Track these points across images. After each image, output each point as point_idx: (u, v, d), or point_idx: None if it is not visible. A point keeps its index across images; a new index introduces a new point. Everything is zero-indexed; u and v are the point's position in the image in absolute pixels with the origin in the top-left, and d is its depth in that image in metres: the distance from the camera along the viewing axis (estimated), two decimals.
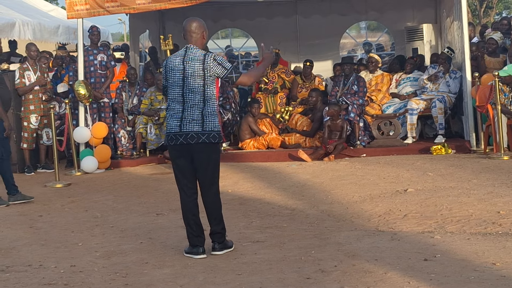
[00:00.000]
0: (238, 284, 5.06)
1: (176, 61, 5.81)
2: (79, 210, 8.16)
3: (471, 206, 7.01)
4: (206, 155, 5.79)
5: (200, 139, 5.73)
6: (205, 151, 5.78)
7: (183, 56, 5.80)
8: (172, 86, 5.80)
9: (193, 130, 5.72)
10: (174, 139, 5.78)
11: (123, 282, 5.25)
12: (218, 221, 5.91)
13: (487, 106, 10.05)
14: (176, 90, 5.77)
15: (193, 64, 5.74)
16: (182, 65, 5.77)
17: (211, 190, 5.88)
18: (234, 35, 17.65)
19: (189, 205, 5.87)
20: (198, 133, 5.72)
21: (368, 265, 5.33)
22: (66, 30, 15.10)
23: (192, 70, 5.73)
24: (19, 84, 11.02)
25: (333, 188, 8.46)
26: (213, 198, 5.89)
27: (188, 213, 5.87)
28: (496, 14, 35.05)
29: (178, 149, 5.80)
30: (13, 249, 6.38)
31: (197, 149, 5.75)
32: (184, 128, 5.74)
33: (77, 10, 10.99)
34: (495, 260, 5.29)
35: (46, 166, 11.35)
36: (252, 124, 11.73)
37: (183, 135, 5.74)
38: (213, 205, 5.90)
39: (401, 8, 14.78)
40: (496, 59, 11.22)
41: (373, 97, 12.03)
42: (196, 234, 5.84)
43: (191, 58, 5.77)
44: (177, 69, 5.78)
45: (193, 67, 5.74)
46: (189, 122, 5.73)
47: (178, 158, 5.85)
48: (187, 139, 5.73)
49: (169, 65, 5.83)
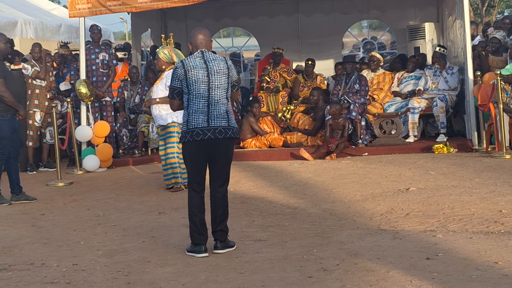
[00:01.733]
0: (240, 282, 5.06)
1: (196, 60, 5.88)
2: (81, 208, 8.16)
3: (473, 205, 7.01)
4: (229, 150, 5.97)
5: (227, 133, 5.86)
6: (229, 146, 5.95)
7: (202, 57, 5.89)
8: (196, 83, 5.81)
9: (221, 125, 5.83)
10: (201, 134, 5.80)
11: (125, 280, 5.25)
12: (224, 217, 5.97)
13: (489, 105, 10.05)
14: (201, 86, 5.81)
15: (218, 62, 5.90)
16: (205, 64, 5.85)
17: (224, 186, 6.02)
18: (236, 34, 17.63)
19: (197, 202, 5.90)
20: (226, 128, 5.84)
21: (370, 263, 5.33)
22: (68, 29, 15.11)
23: (218, 68, 5.87)
24: (32, 74, 11.06)
25: (335, 187, 8.46)
26: (224, 195, 6.01)
27: (195, 210, 5.88)
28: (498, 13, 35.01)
29: (204, 144, 5.83)
30: (15, 248, 6.39)
31: (223, 144, 5.87)
32: (213, 123, 5.82)
33: (79, 9, 10.99)
34: (497, 259, 5.28)
35: (48, 165, 11.36)
36: (253, 124, 11.73)
37: (212, 130, 5.81)
38: (223, 202, 5.99)
39: (403, 6, 14.76)
40: (499, 58, 11.20)
41: (375, 96, 12.02)
42: (200, 232, 5.85)
43: (212, 58, 5.91)
44: (200, 67, 5.84)
45: (218, 65, 5.88)
46: (216, 117, 5.83)
47: (199, 155, 5.87)
48: (216, 133, 5.81)
49: (190, 64, 5.85)
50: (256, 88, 13.47)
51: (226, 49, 16.72)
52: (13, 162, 8.69)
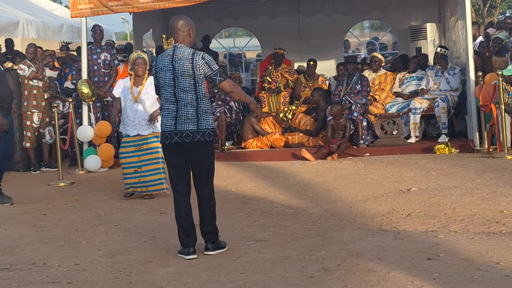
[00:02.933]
0: (242, 283, 5.06)
1: (165, 61, 5.79)
2: (82, 208, 8.17)
3: (474, 206, 7.01)
4: (201, 153, 5.82)
5: (196, 137, 5.75)
6: (200, 149, 5.81)
7: (172, 56, 5.78)
8: (164, 86, 5.79)
9: (188, 129, 5.74)
10: (169, 137, 5.79)
11: (127, 280, 5.25)
12: (211, 219, 5.92)
13: (491, 106, 10.04)
14: (168, 89, 5.77)
15: (182, 63, 5.72)
16: (172, 64, 5.75)
17: (207, 188, 5.90)
18: (238, 34, 17.63)
19: (182, 205, 5.87)
20: (194, 131, 5.75)
21: (372, 264, 5.33)
22: (70, 29, 15.13)
23: (182, 70, 5.72)
24: (30, 75, 11.02)
25: (336, 187, 8.46)
26: (208, 196, 5.91)
27: (181, 212, 5.87)
28: (500, 13, 34.99)
29: (173, 148, 5.81)
30: (17, 248, 6.39)
31: (192, 147, 5.77)
32: (179, 127, 5.76)
33: (80, 9, 11.00)
34: (499, 259, 5.28)
35: (50, 164, 11.36)
36: (254, 124, 11.73)
37: (178, 134, 5.76)
38: (208, 203, 5.91)
39: (405, 7, 14.76)
40: (502, 58, 11.19)
41: (377, 96, 12.02)
42: (188, 234, 5.84)
43: (179, 57, 5.74)
44: (166, 69, 5.77)
45: (182, 66, 5.72)
46: (184, 121, 5.75)
47: (173, 157, 5.86)
48: (183, 137, 5.75)
49: (159, 65, 5.82)
50: (258, 88, 13.47)
51: (228, 49, 16.72)
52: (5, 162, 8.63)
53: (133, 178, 8.50)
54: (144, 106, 8.43)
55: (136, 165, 8.46)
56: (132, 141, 8.50)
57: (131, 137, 8.49)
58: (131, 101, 8.47)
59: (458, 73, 11.55)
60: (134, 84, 8.48)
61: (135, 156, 8.48)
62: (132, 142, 8.50)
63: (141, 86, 8.45)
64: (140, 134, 8.47)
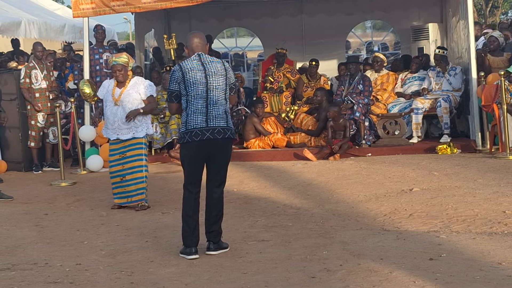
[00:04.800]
0: (244, 283, 5.06)
1: (194, 62, 5.93)
2: (84, 208, 8.17)
3: (476, 206, 7.00)
4: (227, 151, 5.98)
5: (226, 134, 5.89)
6: (228, 147, 5.97)
7: (199, 60, 5.94)
8: (194, 84, 5.85)
9: (220, 125, 5.86)
10: (200, 134, 5.82)
11: (129, 280, 5.25)
12: (219, 218, 5.97)
13: (493, 106, 10.03)
14: (199, 87, 5.85)
15: (215, 65, 5.94)
16: (202, 66, 5.90)
17: (221, 187, 6.01)
18: (240, 34, 17.61)
19: (192, 204, 5.90)
20: (224, 128, 5.87)
21: (374, 264, 5.33)
22: (72, 29, 15.14)
23: (215, 69, 5.92)
24: (23, 84, 11.04)
25: (338, 188, 8.45)
26: (220, 195, 5.99)
27: (189, 211, 5.89)
28: (502, 13, 34.97)
29: (202, 145, 5.84)
30: (19, 247, 6.40)
31: (221, 144, 5.88)
32: (211, 123, 5.84)
33: (82, 9, 11.02)
34: (501, 259, 5.28)
35: (53, 164, 11.38)
36: (256, 124, 11.72)
37: (210, 130, 5.83)
38: (219, 203, 5.98)
39: (407, 7, 14.76)
40: (500, 58, 11.18)
41: (379, 96, 12.01)
42: (192, 234, 5.87)
43: (209, 60, 5.96)
44: (197, 69, 5.88)
45: (215, 67, 5.93)
46: (215, 118, 5.86)
47: (197, 155, 5.88)
48: (215, 133, 5.83)
49: (187, 66, 5.89)
50: (260, 88, 13.46)
51: (230, 49, 16.72)
52: None
53: (119, 187, 8.06)
54: (125, 109, 7.91)
55: (121, 173, 8.02)
56: (116, 149, 8.05)
57: (114, 145, 8.05)
58: (111, 103, 8.01)
59: (459, 73, 11.55)
60: (117, 86, 8.04)
61: (119, 164, 8.04)
62: (116, 150, 8.05)
63: (123, 87, 7.99)
64: (120, 139, 8.00)
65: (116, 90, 8.00)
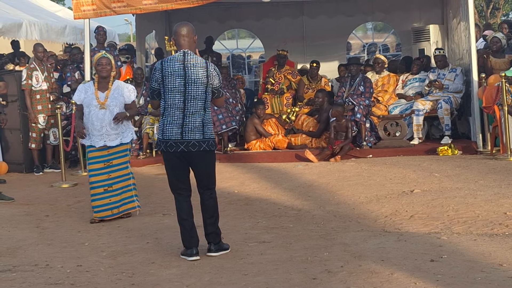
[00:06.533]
0: (244, 284, 5.06)
1: (175, 66, 5.70)
2: (85, 210, 8.17)
3: (477, 207, 7.00)
4: (206, 162, 5.85)
5: (201, 147, 5.76)
6: (205, 158, 5.83)
7: (183, 61, 5.71)
8: (172, 92, 5.69)
9: (195, 138, 5.73)
10: (174, 146, 5.75)
11: (129, 282, 5.25)
12: (214, 219, 5.94)
13: (494, 107, 10.03)
14: (177, 96, 5.69)
15: (197, 70, 5.69)
16: (184, 70, 5.68)
17: (211, 192, 5.94)
18: (241, 36, 17.63)
19: (184, 207, 5.89)
20: (200, 141, 5.74)
21: (375, 265, 5.32)
22: (73, 30, 15.15)
23: (196, 76, 5.69)
24: (25, 86, 11.04)
25: (339, 189, 8.45)
26: (211, 196, 5.94)
27: (183, 215, 5.88)
28: (503, 15, 34.94)
29: (178, 156, 5.79)
30: (20, 249, 6.40)
31: (197, 156, 5.78)
32: (186, 136, 5.73)
33: (83, 11, 11.01)
34: (502, 261, 5.28)
35: (54, 166, 11.38)
36: (257, 125, 11.73)
37: (185, 143, 5.73)
38: (210, 204, 5.93)
39: (408, 8, 14.75)
40: (502, 59, 11.19)
41: (380, 98, 12.02)
42: (191, 235, 5.87)
43: (193, 63, 5.70)
44: (177, 74, 5.69)
45: (196, 73, 5.69)
46: (191, 130, 5.72)
47: (176, 165, 5.85)
48: (189, 147, 5.74)
49: (168, 69, 5.69)
50: (261, 90, 13.46)
51: (231, 50, 16.72)
52: None
53: (102, 199, 7.50)
54: (112, 113, 7.40)
55: (107, 183, 7.51)
56: (99, 157, 7.49)
57: (98, 152, 7.47)
58: (96, 107, 7.40)
59: (460, 74, 11.55)
60: (99, 89, 7.45)
61: (104, 173, 7.50)
62: (99, 158, 7.49)
63: (107, 90, 7.45)
64: (107, 145, 7.47)
65: (100, 94, 7.44)
